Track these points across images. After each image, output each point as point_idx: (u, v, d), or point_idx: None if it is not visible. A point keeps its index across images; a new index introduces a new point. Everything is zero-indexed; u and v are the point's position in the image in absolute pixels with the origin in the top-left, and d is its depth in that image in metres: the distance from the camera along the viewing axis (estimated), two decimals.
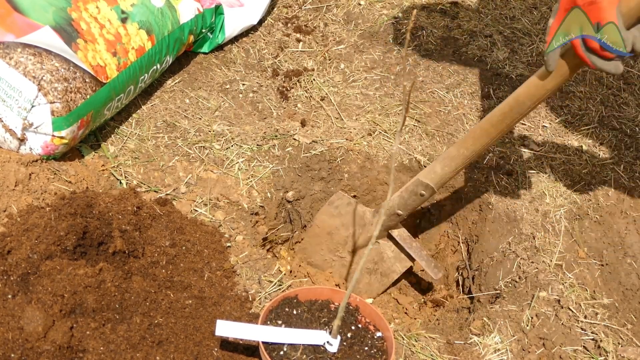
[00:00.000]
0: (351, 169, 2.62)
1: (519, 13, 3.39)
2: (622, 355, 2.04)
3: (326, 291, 1.98)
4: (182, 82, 2.77)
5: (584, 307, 2.17)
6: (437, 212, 2.69)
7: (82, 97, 2.17)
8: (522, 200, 2.53)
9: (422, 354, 2.04)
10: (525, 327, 2.11)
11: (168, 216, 2.13)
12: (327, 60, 3.04)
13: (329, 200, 2.47)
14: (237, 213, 2.33)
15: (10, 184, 2.03)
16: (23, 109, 2.08)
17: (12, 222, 1.89)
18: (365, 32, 3.21)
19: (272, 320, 1.87)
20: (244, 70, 2.92)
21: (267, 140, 2.59)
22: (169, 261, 1.99)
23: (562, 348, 2.05)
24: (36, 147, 2.15)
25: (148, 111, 2.60)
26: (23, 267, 1.75)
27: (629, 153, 2.79)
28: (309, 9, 3.32)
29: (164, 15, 2.50)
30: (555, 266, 2.32)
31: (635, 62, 3.22)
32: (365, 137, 2.68)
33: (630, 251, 2.44)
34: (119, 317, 1.79)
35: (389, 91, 2.92)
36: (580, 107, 2.95)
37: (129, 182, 2.31)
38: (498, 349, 2.06)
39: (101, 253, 1.90)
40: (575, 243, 2.43)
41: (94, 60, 2.22)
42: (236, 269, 2.13)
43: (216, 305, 1.96)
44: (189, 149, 2.48)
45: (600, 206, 2.56)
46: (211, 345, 1.84)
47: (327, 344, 1.80)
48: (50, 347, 1.64)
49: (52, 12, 2.18)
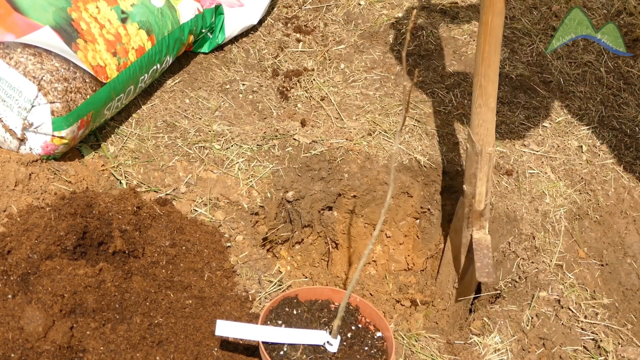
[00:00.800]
0: (351, 169, 2.62)
1: (519, 13, 3.39)
2: (622, 355, 2.04)
3: (326, 291, 1.98)
4: (182, 82, 2.77)
5: (584, 307, 2.17)
6: (437, 212, 2.69)
7: (82, 97, 2.17)
8: (522, 200, 2.53)
9: (422, 354, 2.04)
10: (525, 327, 2.11)
11: (168, 216, 2.13)
12: (327, 60, 3.04)
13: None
14: (237, 213, 2.33)
15: (10, 184, 2.03)
16: (23, 109, 2.08)
17: (12, 222, 1.89)
18: (365, 32, 3.21)
19: (272, 320, 1.87)
20: (244, 70, 2.92)
21: (267, 140, 2.59)
22: (169, 261, 1.99)
23: (562, 348, 2.05)
24: (36, 147, 2.15)
25: (148, 111, 2.60)
26: (23, 267, 1.75)
27: (629, 153, 2.79)
28: (309, 9, 3.32)
29: (164, 15, 2.50)
30: (555, 266, 2.32)
31: (635, 62, 3.22)
32: (365, 137, 2.68)
33: (630, 251, 2.44)
34: (119, 317, 1.79)
35: (389, 91, 2.92)
36: (580, 107, 2.95)
37: (129, 182, 2.31)
38: (498, 349, 2.06)
39: (101, 253, 1.90)
40: (575, 243, 2.43)
41: (94, 60, 2.22)
42: (236, 269, 2.13)
43: (216, 305, 1.96)
44: (189, 149, 2.48)
45: (600, 206, 2.56)
46: (211, 345, 1.85)
47: (327, 344, 1.80)
48: (50, 347, 1.64)
49: (52, 12, 2.18)
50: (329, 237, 2.73)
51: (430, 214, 2.72)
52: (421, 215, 2.74)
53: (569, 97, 2.99)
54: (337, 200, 2.67)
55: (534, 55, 3.17)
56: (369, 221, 2.75)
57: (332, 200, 2.65)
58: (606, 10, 3.46)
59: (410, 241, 2.79)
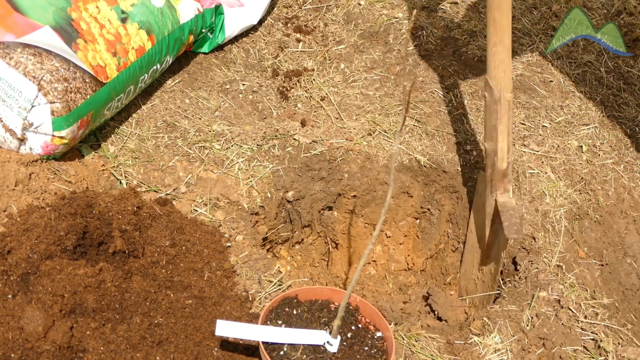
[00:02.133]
0: (351, 169, 2.62)
1: (519, 13, 3.39)
2: (622, 355, 2.04)
3: (326, 291, 1.98)
4: (182, 82, 2.77)
5: (584, 307, 2.17)
6: (437, 212, 2.69)
7: (82, 97, 2.17)
8: (522, 200, 2.53)
9: (422, 354, 2.04)
10: (525, 327, 2.11)
11: (168, 216, 2.13)
12: (327, 60, 3.04)
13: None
14: (237, 213, 2.33)
15: (10, 184, 2.03)
16: (23, 109, 2.08)
17: (12, 222, 1.89)
18: (365, 32, 3.21)
19: (272, 320, 1.87)
20: (244, 70, 2.92)
21: (267, 140, 2.59)
22: (169, 261, 1.99)
23: (562, 348, 2.05)
24: (36, 147, 2.15)
25: (148, 111, 2.60)
26: (23, 267, 1.75)
27: (629, 153, 2.79)
28: (309, 9, 3.32)
29: (164, 15, 2.50)
30: (555, 266, 2.32)
31: (635, 62, 3.22)
32: (365, 137, 2.68)
33: (630, 251, 2.44)
34: (119, 317, 1.79)
35: (389, 91, 2.92)
36: (580, 107, 2.95)
37: (129, 182, 2.31)
38: (498, 349, 2.06)
39: (101, 253, 1.90)
40: (575, 243, 2.43)
41: (94, 60, 2.22)
42: (236, 269, 2.13)
43: (216, 305, 1.96)
44: (189, 149, 2.48)
45: (600, 206, 2.56)
46: (211, 345, 1.85)
47: (327, 344, 1.80)
48: (50, 347, 1.64)
49: (52, 12, 2.18)
50: (329, 237, 2.73)
51: (430, 214, 2.72)
52: (421, 215, 2.75)
53: (569, 97, 2.99)
54: (337, 200, 2.67)
55: (533, 55, 3.17)
56: (369, 221, 2.75)
57: (332, 200, 2.66)
58: (606, 10, 3.46)
59: (410, 241, 2.79)
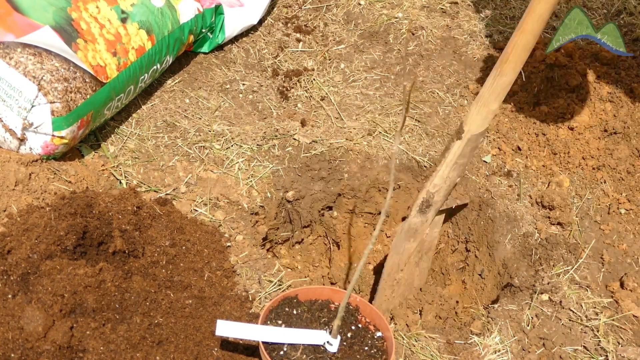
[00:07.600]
0: (351, 169, 2.62)
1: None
2: (622, 355, 2.04)
3: (326, 291, 1.98)
4: (182, 82, 2.77)
5: (584, 307, 2.17)
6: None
7: (82, 97, 2.17)
8: (522, 200, 2.53)
9: (422, 354, 2.04)
10: (526, 327, 2.11)
11: (168, 216, 2.13)
12: (327, 60, 3.04)
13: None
14: (237, 213, 2.33)
15: (10, 183, 2.03)
16: (23, 109, 2.08)
17: (12, 222, 1.89)
18: (365, 32, 3.21)
19: (272, 320, 1.87)
20: (244, 70, 2.92)
21: (267, 140, 2.59)
22: (169, 261, 1.99)
23: (562, 348, 2.05)
24: (36, 147, 2.15)
25: (148, 111, 2.60)
26: (23, 267, 1.75)
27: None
28: (309, 9, 3.32)
29: (164, 15, 2.50)
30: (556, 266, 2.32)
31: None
32: (365, 137, 2.68)
33: (630, 251, 2.44)
34: (119, 317, 1.79)
35: (389, 91, 2.92)
36: None
37: (129, 182, 2.31)
38: (498, 349, 2.06)
39: (101, 253, 1.90)
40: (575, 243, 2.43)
41: (94, 60, 2.22)
42: (236, 268, 2.13)
43: (216, 305, 1.96)
44: (189, 149, 2.48)
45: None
46: (211, 345, 1.85)
47: (327, 343, 1.80)
48: (50, 347, 1.64)
49: (52, 12, 2.18)
50: (329, 237, 2.73)
51: None
52: None
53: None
54: (337, 200, 2.67)
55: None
56: (369, 221, 2.75)
57: (332, 200, 2.66)
58: (606, 10, 3.46)
59: None
